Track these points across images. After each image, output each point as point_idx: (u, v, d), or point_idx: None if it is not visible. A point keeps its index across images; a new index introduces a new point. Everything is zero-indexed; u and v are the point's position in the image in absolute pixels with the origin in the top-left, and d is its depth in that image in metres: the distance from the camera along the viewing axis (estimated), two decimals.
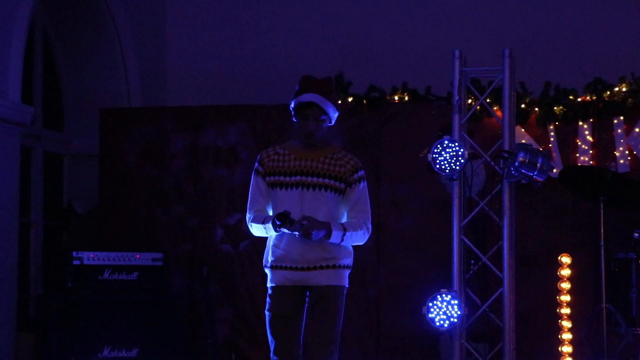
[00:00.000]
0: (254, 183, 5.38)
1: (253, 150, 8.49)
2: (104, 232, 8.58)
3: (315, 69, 8.97)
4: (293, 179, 5.26)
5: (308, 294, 5.29)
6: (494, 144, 6.96)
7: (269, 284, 5.34)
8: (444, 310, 6.55)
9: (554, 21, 8.92)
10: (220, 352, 8.14)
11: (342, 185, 5.30)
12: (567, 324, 7.73)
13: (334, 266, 5.29)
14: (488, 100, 7.44)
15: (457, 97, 6.84)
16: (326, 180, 5.26)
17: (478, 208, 6.88)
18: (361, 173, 5.38)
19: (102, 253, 7.73)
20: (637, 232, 6.85)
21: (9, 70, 7.75)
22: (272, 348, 5.27)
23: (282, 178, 5.28)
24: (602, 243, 7.02)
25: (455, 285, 6.72)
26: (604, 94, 7.90)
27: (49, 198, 8.98)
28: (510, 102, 6.84)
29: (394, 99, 8.32)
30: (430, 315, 6.55)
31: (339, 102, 8.36)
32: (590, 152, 7.91)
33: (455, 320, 6.56)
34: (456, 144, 6.62)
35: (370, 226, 5.39)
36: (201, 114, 8.61)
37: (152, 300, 7.75)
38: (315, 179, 5.26)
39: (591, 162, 7.86)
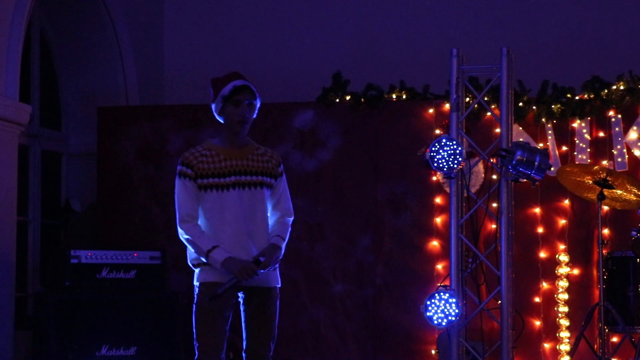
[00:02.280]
0: (182, 186, 5.28)
1: None
2: (102, 231, 8.58)
3: (313, 67, 9.01)
4: (228, 179, 5.21)
5: (242, 294, 5.34)
6: (492, 142, 6.97)
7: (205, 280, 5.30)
8: (442, 308, 6.55)
9: (552, 19, 8.92)
10: None
11: (272, 181, 5.31)
12: (565, 322, 7.74)
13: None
14: (486, 99, 7.45)
15: (455, 96, 6.84)
16: (260, 178, 5.26)
17: (476, 206, 6.88)
18: (282, 166, 5.41)
19: (99, 251, 7.72)
20: (634, 231, 6.84)
21: (7, 68, 7.74)
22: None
23: (217, 180, 5.21)
24: (600, 241, 7.01)
25: (454, 283, 6.72)
26: (602, 92, 7.90)
27: (46, 196, 8.97)
28: (508, 100, 6.83)
29: (391, 97, 8.32)
30: (428, 314, 6.55)
31: (337, 100, 8.40)
32: (588, 150, 7.91)
33: (454, 318, 6.56)
34: (454, 142, 6.62)
35: (292, 218, 5.42)
36: (199, 112, 8.60)
37: (150, 299, 7.74)
38: (250, 178, 5.24)
39: (589, 161, 7.87)
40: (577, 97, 7.95)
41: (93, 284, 7.66)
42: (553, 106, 7.94)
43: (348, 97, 8.37)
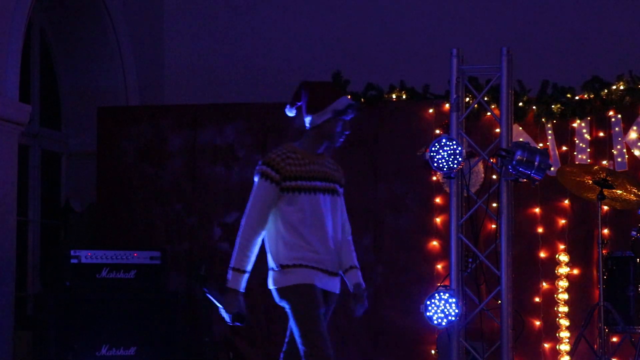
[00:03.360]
0: (265, 191, 5.14)
1: (250, 148, 8.49)
2: (102, 231, 8.57)
3: (312, 67, 9.00)
4: (313, 183, 5.15)
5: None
6: (492, 142, 6.97)
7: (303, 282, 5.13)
8: (442, 308, 6.56)
9: (552, 19, 8.92)
10: (218, 351, 8.14)
11: (342, 191, 5.33)
12: (564, 322, 7.74)
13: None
14: (486, 99, 7.45)
15: (455, 96, 6.85)
16: (336, 186, 5.27)
17: (476, 206, 6.89)
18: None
19: (99, 251, 7.72)
20: (634, 231, 6.84)
21: (7, 68, 7.73)
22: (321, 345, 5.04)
23: (304, 183, 5.13)
24: (600, 241, 7.01)
25: (454, 283, 6.73)
26: (602, 92, 7.89)
27: (46, 196, 8.97)
28: (507, 100, 6.84)
29: (391, 97, 8.32)
30: (428, 314, 6.56)
31: None
32: (588, 150, 7.91)
33: (454, 318, 6.57)
34: (454, 142, 6.63)
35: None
36: (199, 112, 8.60)
37: (150, 299, 7.74)
38: (331, 185, 5.23)
39: (589, 161, 7.87)
40: (577, 97, 7.95)
41: (93, 284, 7.66)
42: (553, 106, 7.93)
43: (348, 97, 8.36)
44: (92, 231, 8.66)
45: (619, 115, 7.87)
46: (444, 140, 6.63)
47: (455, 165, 6.63)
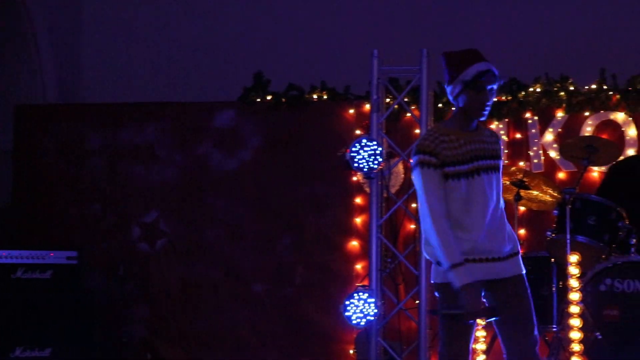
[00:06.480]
0: (430, 178, 4.60)
1: (170, 148, 8.44)
2: (18, 230, 8.44)
3: (234, 67, 8.96)
4: (471, 165, 4.63)
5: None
6: (412, 143, 7.02)
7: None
8: (361, 308, 6.59)
9: (470, 21, 9.00)
10: (136, 351, 8.07)
11: (501, 163, 4.78)
12: (481, 321, 7.80)
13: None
14: (406, 100, 7.50)
15: (375, 96, 6.89)
16: (497, 162, 4.72)
17: (395, 207, 6.93)
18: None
19: (15, 251, 7.59)
20: (550, 231, 6.95)
21: None
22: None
23: (462, 167, 4.61)
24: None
25: (373, 283, 6.76)
26: (519, 94, 8.01)
27: None
28: (427, 102, 6.90)
29: (312, 97, 8.34)
30: (347, 314, 6.58)
31: (259, 100, 8.39)
32: (505, 151, 8.01)
33: (372, 318, 6.60)
34: (374, 142, 6.66)
35: None
36: (119, 111, 8.52)
37: (66, 299, 7.63)
38: (490, 162, 4.67)
39: (506, 162, 7.96)
40: (494, 99, 8.03)
41: (8, 284, 7.53)
42: None
43: (269, 97, 8.36)
44: (7, 230, 8.51)
45: (536, 117, 7.99)
46: (364, 141, 6.66)
47: (375, 166, 6.66)
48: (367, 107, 7.70)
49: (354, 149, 6.67)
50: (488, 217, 4.65)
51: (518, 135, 8.01)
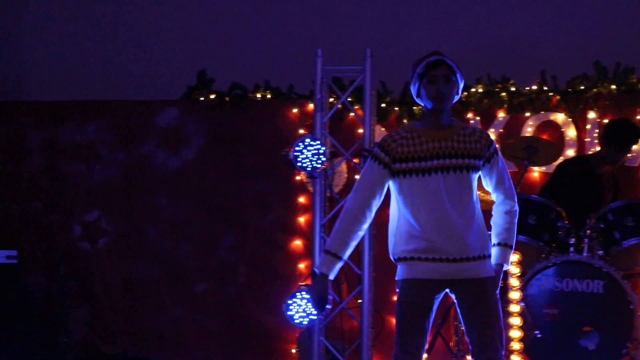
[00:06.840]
0: (368, 170, 4.77)
1: (113, 146, 8.38)
2: None
3: (177, 65, 8.91)
4: (430, 163, 4.67)
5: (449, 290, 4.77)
6: (355, 143, 7.05)
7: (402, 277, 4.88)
8: (304, 307, 6.59)
9: (415, 22, 9.05)
10: (76, 351, 8.00)
11: (480, 163, 4.76)
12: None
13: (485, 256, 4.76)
14: (350, 99, 7.52)
15: (319, 96, 6.90)
16: (466, 160, 4.70)
17: (339, 206, 6.95)
18: (494, 145, 4.85)
19: None
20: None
21: None
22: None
23: (417, 164, 4.68)
24: None
25: None
26: (462, 94, 8.06)
27: None
28: (370, 101, 6.93)
29: (256, 96, 8.33)
30: (289, 313, 6.59)
31: (202, 99, 8.36)
32: None
33: (314, 317, 6.61)
34: (317, 142, 6.68)
35: (517, 200, 4.91)
36: (60, 108, 8.44)
37: (6, 299, 7.54)
38: (455, 161, 4.68)
39: None
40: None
41: None
42: (415, 107, 8.07)
43: (213, 96, 8.34)
44: None
45: (478, 118, 8.06)
46: (307, 140, 6.67)
47: (318, 165, 6.68)
48: (311, 106, 7.72)
49: (297, 148, 6.67)
50: (446, 217, 4.66)
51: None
